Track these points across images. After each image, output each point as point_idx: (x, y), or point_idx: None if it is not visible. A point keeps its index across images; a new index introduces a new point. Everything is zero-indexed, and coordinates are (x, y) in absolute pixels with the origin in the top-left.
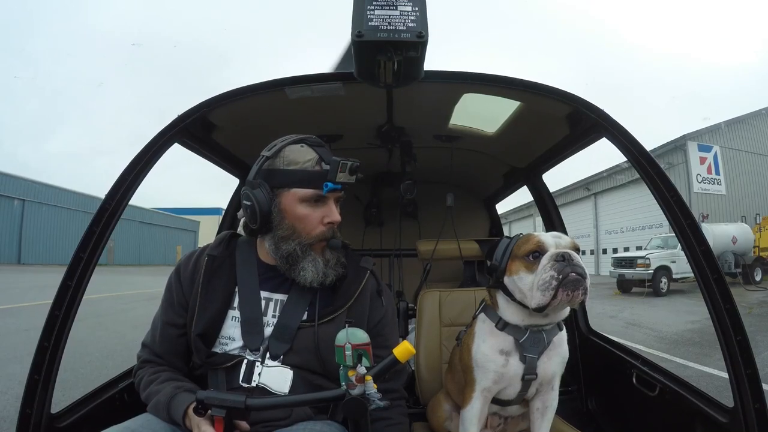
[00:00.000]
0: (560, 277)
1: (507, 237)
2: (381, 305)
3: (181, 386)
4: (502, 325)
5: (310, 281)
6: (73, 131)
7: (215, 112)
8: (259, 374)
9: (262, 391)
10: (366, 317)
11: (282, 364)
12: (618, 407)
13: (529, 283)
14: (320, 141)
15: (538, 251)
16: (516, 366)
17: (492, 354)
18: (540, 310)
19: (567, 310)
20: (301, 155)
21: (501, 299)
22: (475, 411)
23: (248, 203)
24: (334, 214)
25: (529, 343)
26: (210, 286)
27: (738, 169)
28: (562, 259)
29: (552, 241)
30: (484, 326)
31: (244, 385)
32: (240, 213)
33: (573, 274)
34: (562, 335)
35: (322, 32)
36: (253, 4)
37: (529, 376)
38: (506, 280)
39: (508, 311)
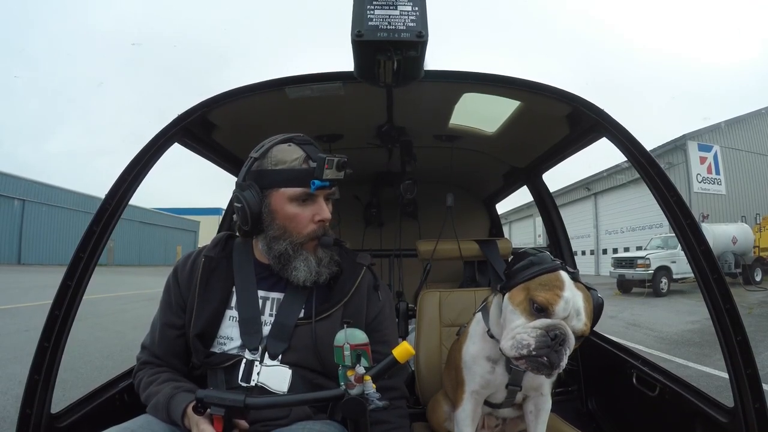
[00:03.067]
0: (533, 351)
1: (537, 249)
2: (378, 300)
3: (180, 386)
4: (492, 333)
5: (303, 280)
6: (73, 131)
7: (215, 112)
8: (258, 374)
9: (261, 390)
10: (363, 313)
11: (281, 363)
12: (618, 407)
13: (513, 326)
14: (308, 139)
15: (544, 308)
16: (501, 375)
17: (479, 358)
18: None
19: None
20: (288, 154)
21: (493, 311)
22: (467, 412)
23: (239, 205)
24: (324, 211)
25: None
26: (207, 286)
27: (738, 169)
28: (554, 338)
29: (563, 309)
30: (477, 328)
31: (243, 384)
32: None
33: (545, 359)
34: None
35: (322, 32)
36: (253, 4)
37: (513, 387)
38: (504, 298)
39: (494, 326)
